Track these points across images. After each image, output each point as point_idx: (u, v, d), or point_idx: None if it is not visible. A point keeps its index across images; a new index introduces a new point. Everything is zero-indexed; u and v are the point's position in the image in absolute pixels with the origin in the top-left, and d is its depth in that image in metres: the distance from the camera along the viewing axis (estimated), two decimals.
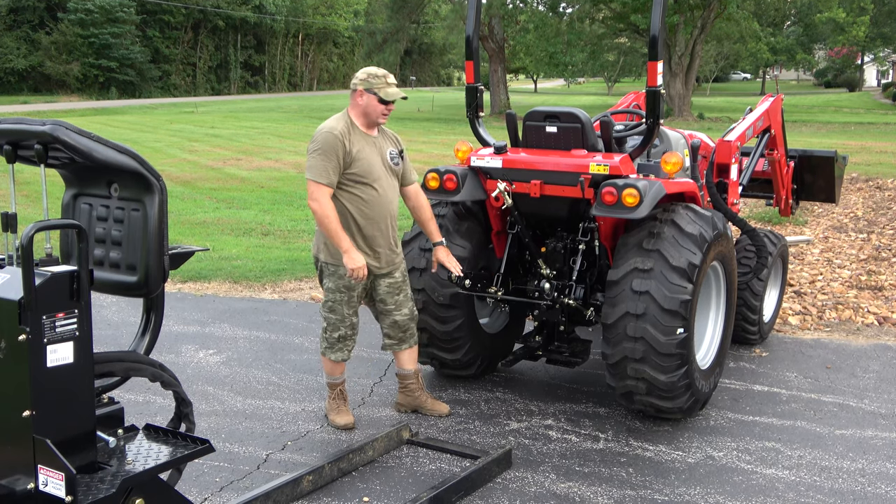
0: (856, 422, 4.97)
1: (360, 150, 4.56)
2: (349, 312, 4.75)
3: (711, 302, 5.18)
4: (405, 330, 4.90)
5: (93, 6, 50.23)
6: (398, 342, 4.93)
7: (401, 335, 4.91)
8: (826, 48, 59.54)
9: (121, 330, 6.51)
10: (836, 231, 10.59)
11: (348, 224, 4.59)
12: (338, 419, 4.87)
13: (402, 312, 4.86)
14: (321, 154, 4.48)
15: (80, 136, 2.75)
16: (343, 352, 4.81)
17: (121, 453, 2.88)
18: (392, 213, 4.74)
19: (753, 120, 6.42)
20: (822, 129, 27.82)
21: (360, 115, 4.64)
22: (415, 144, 23.53)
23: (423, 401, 5.04)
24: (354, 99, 4.65)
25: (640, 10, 29.57)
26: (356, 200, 4.59)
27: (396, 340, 4.92)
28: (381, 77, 4.61)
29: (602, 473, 4.32)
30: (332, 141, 4.49)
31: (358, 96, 4.62)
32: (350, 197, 4.59)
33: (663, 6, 4.68)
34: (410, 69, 77.42)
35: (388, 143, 4.78)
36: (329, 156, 4.47)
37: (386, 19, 40.94)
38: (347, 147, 4.51)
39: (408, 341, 4.94)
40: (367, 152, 4.59)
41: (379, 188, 4.62)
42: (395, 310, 4.84)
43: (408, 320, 4.89)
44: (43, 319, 2.58)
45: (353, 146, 4.54)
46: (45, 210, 2.87)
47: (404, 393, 5.05)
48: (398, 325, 4.87)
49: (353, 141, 4.55)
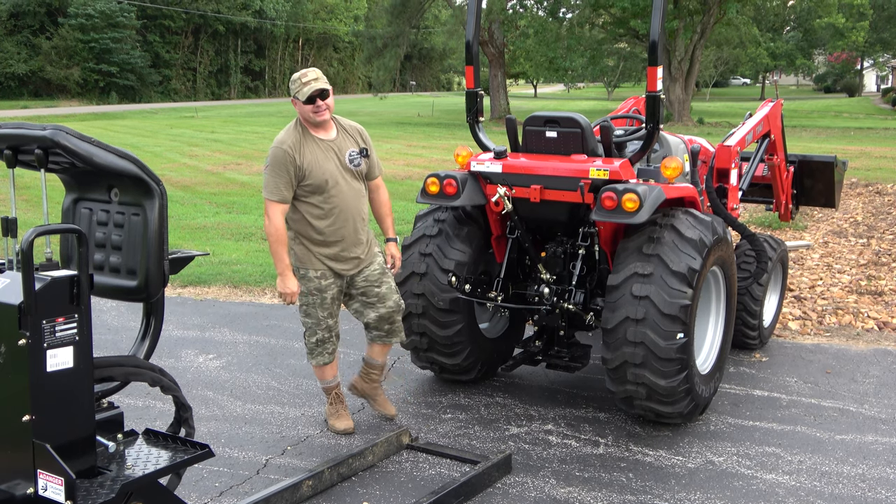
0: (856, 427, 4.97)
1: (312, 160, 4.48)
2: (324, 315, 4.69)
3: (711, 307, 5.18)
4: (392, 322, 4.83)
5: (93, 11, 50.33)
6: (386, 335, 4.86)
7: (388, 327, 4.83)
8: (825, 53, 59.70)
9: (121, 334, 6.51)
10: (835, 236, 10.59)
11: (309, 234, 4.57)
12: (337, 424, 4.86)
13: (387, 305, 4.78)
14: (271, 170, 4.45)
15: (81, 141, 2.75)
16: (323, 355, 4.77)
17: (120, 458, 2.88)
18: (358, 214, 4.65)
19: (753, 125, 6.43)
20: (821, 134, 27.84)
21: (304, 120, 4.57)
22: (415, 149, 23.55)
23: (378, 395, 5.04)
24: (295, 107, 4.62)
25: (640, 15, 29.61)
26: (315, 210, 4.54)
27: (385, 332, 4.85)
28: (297, 80, 4.52)
29: (602, 478, 4.31)
30: (282, 156, 4.44)
31: (294, 105, 4.58)
32: (309, 207, 4.54)
33: (663, 11, 4.69)
34: (410, 74, 77.55)
35: (348, 142, 4.65)
36: (279, 172, 4.43)
37: (386, 24, 40.98)
38: (298, 161, 4.45)
39: (395, 334, 4.88)
40: (320, 161, 4.50)
41: (337, 194, 4.54)
42: (378, 302, 4.77)
43: (393, 312, 4.82)
44: (43, 324, 2.58)
45: (305, 158, 4.46)
46: (45, 214, 2.87)
47: (364, 379, 5.00)
48: (383, 317, 4.80)
49: (304, 152, 4.47)
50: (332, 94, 4.58)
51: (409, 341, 5.37)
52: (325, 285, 4.63)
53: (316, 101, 4.47)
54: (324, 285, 4.63)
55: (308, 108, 4.48)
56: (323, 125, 4.57)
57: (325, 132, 4.60)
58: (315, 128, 4.57)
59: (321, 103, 4.48)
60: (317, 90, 4.45)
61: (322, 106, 4.48)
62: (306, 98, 4.45)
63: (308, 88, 4.45)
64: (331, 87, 4.58)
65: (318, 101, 4.47)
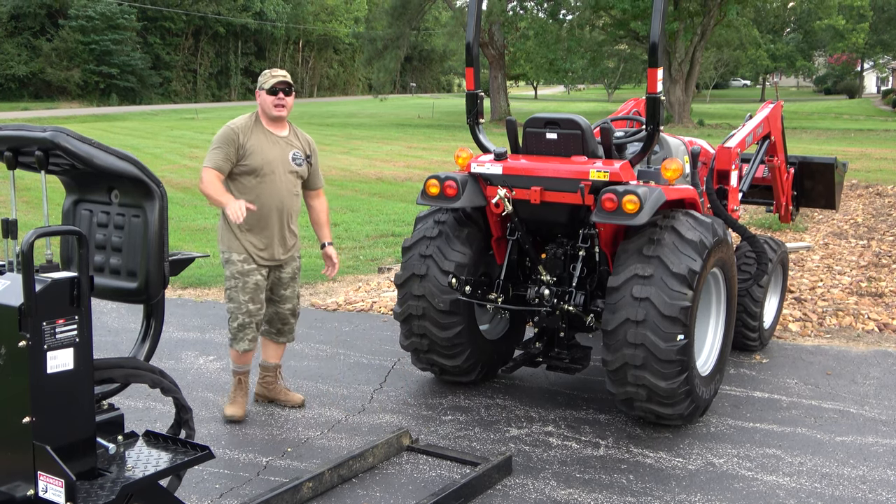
0: (856, 428, 4.96)
1: (256, 144, 4.80)
2: (245, 299, 4.86)
3: (712, 308, 5.18)
4: (284, 323, 5.14)
5: (94, 13, 50.33)
6: (276, 333, 5.15)
7: (279, 327, 5.14)
8: (826, 55, 59.73)
9: (121, 336, 6.51)
10: (836, 237, 10.59)
11: (231, 222, 4.79)
12: (227, 408, 5.06)
13: (285, 306, 5.09)
14: (215, 145, 4.78)
15: (81, 143, 2.75)
16: (244, 342, 4.93)
17: (120, 460, 2.88)
18: (285, 209, 4.91)
19: (753, 126, 6.43)
20: (821, 136, 27.85)
21: (261, 112, 4.91)
22: (415, 151, 23.56)
23: (278, 392, 5.24)
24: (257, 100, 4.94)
25: (640, 16, 29.62)
26: (245, 190, 4.80)
27: (275, 331, 5.14)
28: (266, 74, 4.93)
29: (602, 480, 4.31)
30: (228, 133, 4.78)
31: (256, 96, 4.94)
32: (240, 187, 4.81)
33: (663, 13, 4.69)
34: (411, 76, 77.56)
35: (296, 144, 4.98)
36: (221, 145, 4.75)
37: (386, 26, 41.00)
38: (241, 140, 4.77)
39: (286, 335, 5.18)
40: (265, 148, 4.81)
41: (271, 182, 4.81)
42: (279, 301, 5.07)
43: (289, 315, 5.13)
44: (43, 326, 2.58)
45: (249, 140, 4.79)
46: (45, 216, 2.87)
47: (261, 384, 5.25)
48: (279, 316, 5.10)
49: (250, 136, 4.80)
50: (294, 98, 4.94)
51: (409, 343, 5.38)
52: (247, 269, 4.86)
53: (279, 94, 4.82)
54: (246, 269, 4.86)
55: (270, 98, 4.83)
56: (278, 121, 4.91)
57: (277, 129, 4.92)
58: (269, 122, 4.90)
59: (283, 97, 4.83)
60: (282, 83, 4.84)
61: (283, 100, 4.84)
62: (270, 87, 4.81)
63: (274, 80, 4.84)
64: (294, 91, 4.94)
65: (280, 94, 4.82)
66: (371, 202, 14.00)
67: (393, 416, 5.12)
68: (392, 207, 13.30)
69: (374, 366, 5.99)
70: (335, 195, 14.56)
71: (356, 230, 11.30)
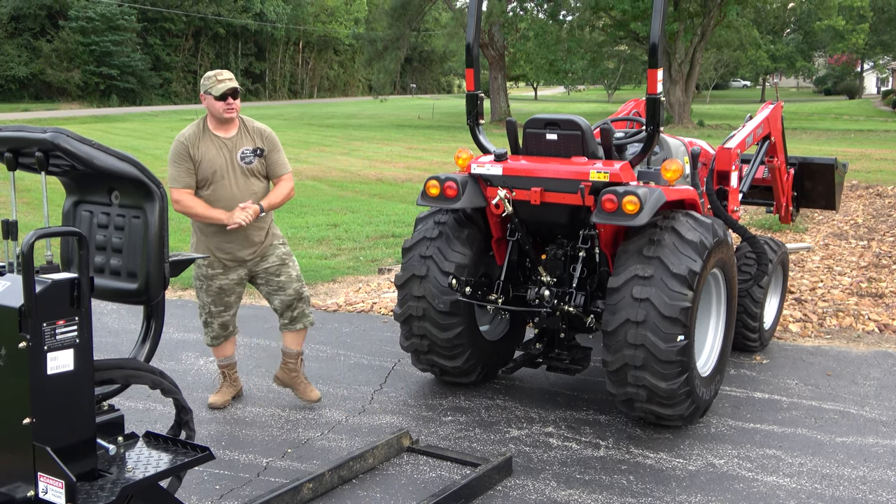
0: (857, 429, 4.96)
1: (205, 153, 4.85)
2: (207, 301, 5.08)
3: (712, 309, 5.18)
4: (293, 309, 5.12)
5: (94, 14, 50.35)
6: (290, 322, 5.15)
7: (291, 315, 5.13)
8: (826, 55, 59.75)
9: (121, 337, 6.51)
10: (836, 238, 10.59)
11: (200, 224, 4.97)
12: (211, 396, 5.28)
13: (287, 292, 5.08)
14: (172, 162, 4.86)
15: (81, 144, 2.75)
16: (207, 336, 5.17)
17: (121, 461, 2.88)
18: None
19: (753, 127, 6.43)
20: (822, 137, 27.85)
21: (210, 117, 4.93)
22: (415, 152, 23.57)
23: (298, 383, 5.25)
24: (203, 103, 4.94)
25: (640, 17, 29.63)
26: (200, 198, 4.88)
27: (288, 320, 5.15)
28: (212, 77, 4.90)
29: (603, 481, 4.31)
30: (179, 148, 4.85)
31: (203, 101, 4.92)
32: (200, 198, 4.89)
33: (663, 14, 4.69)
34: (411, 77, 77.57)
35: (244, 141, 4.96)
36: (178, 162, 4.84)
37: (386, 27, 41.01)
38: (191, 152, 4.83)
39: (300, 321, 5.15)
40: (212, 155, 4.85)
41: (223, 189, 4.86)
42: (278, 290, 5.09)
43: (294, 299, 5.10)
44: (43, 327, 2.58)
45: (199, 150, 4.84)
46: (45, 217, 2.87)
47: (283, 369, 5.27)
48: (285, 304, 5.11)
49: (199, 146, 4.85)
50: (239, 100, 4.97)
51: (410, 344, 5.38)
52: (211, 273, 5.02)
53: (228, 99, 4.84)
54: (210, 273, 5.02)
55: (220, 104, 4.83)
56: (227, 123, 4.93)
57: (224, 131, 4.94)
58: (217, 125, 4.93)
59: (232, 102, 4.86)
60: (230, 88, 4.84)
61: (232, 104, 4.86)
62: (220, 94, 4.81)
63: (223, 86, 4.83)
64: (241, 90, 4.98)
65: (229, 98, 4.84)
66: (371, 203, 14.00)
67: (393, 416, 5.12)
68: (392, 208, 13.30)
69: (375, 367, 5.99)
70: (335, 196, 14.57)
71: (356, 231, 11.30)
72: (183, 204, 4.81)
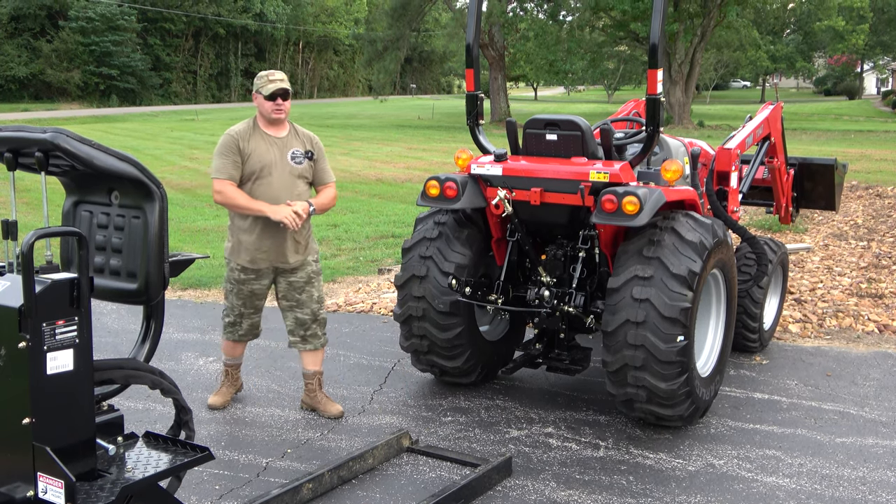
0: (856, 430, 4.96)
1: (255, 148, 4.83)
2: (238, 303, 5.03)
3: (712, 310, 5.18)
4: (306, 329, 5.05)
5: (94, 14, 50.36)
6: (301, 340, 5.08)
7: (302, 333, 5.06)
8: (825, 56, 59.75)
9: (121, 337, 6.51)
10: (836, 239, 10.59)
11: (238, 222, 4.91)
12: (210, 397, 5.24)
13: (304, 311, 5.03)
14: (219, 154, 4.83)
15: (81, 144, 2.75)
16: (234, 333, 5.13)
17: (120, 461, 2.88)
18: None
19: (753, 128, 6.43)
20: (821, 137, 27.85)
21: (259, 116, 4.93)
22: (415, 152, 23.57)
23: (318, 402, 5.17)
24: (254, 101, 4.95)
25: (640, 18, 29.64)
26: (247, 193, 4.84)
27: (298, 338, 5.08)
28: (264, 77, 4.91)
29: (602, 481, 4.31)
30: (228, 141, 4.82)
31: (254, 99, 4.93)
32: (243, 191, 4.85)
33: (663, 14, 4.70)
34: (411, 77, 77.56)
35: (295, 143, 4.96)
36: (226, 154, 4.80)
37: (386, 27, 41.01)
38: (242, 145, 4.81)
39: (311, 342, 5.08)
40: (262, 150, 4.83)
41: (266, 184, 4.82)
42: (296, 306, 5.03)
43: (309, 320, 5.04)
44: (43, 327, 2.58)
45: (249, 144, 4.82)
46: (45, 217, 2.87)
47: (305, 391, 5.22)
48: (299, 321, 5.04)
49: (249, 140, 4.84)
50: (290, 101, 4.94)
51: (409, 344, 5.38)
52: (244, 279, 4.96)
53: (277, 100, 4.82)
54: (242, 278, 4.96)
55: (269, 104, 4.83)
56: (277, 123, 4.91)
57: (275, 131, 4.92)
58: (267, 125, 4.91)
59: (281, 102, 4.84)
60: (280, 89, 4.82)
61: (281, 105, 4.84)
62: (269, 94, 4.80)
63: (273, 86, 4.83)
64: (291, 91, 4.97)
65: (279, 99, 4.82)
66: (371, 203, 14.00)
67: (393, 417, 5.12)
68: (392, 208, 13.30)
69: (374, 367, 5.99)
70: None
71: (356, 231, 11.30)
72: (225, 194, 4.76)
